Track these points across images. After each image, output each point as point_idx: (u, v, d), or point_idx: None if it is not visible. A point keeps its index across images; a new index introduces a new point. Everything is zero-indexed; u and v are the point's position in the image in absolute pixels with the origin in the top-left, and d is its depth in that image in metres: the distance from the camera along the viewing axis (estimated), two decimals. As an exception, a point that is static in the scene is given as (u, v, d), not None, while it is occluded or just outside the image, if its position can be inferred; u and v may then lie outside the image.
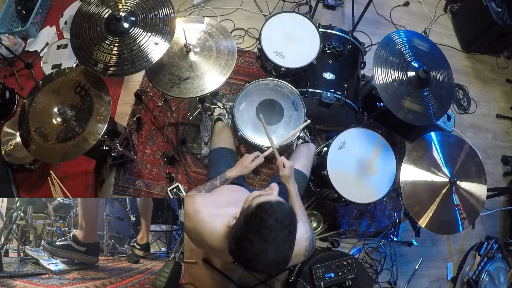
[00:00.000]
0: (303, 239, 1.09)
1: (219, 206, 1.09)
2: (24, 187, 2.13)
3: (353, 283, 1.72)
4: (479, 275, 2.12)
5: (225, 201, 1.12)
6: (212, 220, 1.03)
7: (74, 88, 1.61)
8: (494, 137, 2.71)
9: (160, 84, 1.60)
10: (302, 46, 1.82)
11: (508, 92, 2.89)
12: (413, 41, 1.76)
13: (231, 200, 1.14)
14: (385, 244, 2.21)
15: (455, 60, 2.87)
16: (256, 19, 2.72)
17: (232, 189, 1.27)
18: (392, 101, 1.63)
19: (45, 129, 1.55)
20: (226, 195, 1.19)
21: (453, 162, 1.71)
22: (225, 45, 1.68)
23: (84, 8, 1.54)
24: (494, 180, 2.54)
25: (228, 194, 1.20)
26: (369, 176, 1.75)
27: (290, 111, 1.74)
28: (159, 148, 2.29)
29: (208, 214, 1.04)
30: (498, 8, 2.58)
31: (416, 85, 1.67)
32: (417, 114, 1.66)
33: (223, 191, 1.25)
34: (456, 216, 1.66)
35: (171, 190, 2.15)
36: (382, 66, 1.66)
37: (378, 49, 1.68)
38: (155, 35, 1.48)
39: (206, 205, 1.07)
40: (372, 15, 2.84)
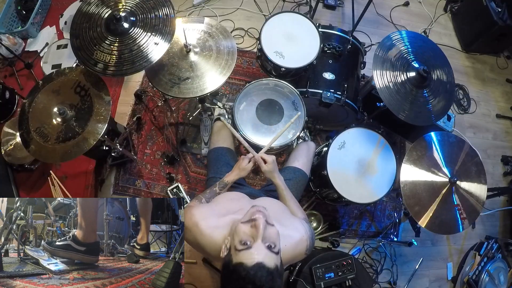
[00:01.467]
0: (303, 240, 1.08)
1: (218, 216, 1.08)
2: (24, 187, 2.13)
3: (353, 283, 1.72)
4: (479, 275, 2.12)
5: (224, 211, 1.11)
6: (212, 232, 1.03)
7: (74, 88, 1.61)
8: (494, 137, 2.71)
9: (160, 84, 1.60)
10: (302, 46, 1.82)
11: (508, 92, 2.89)
12: (413, 41, 1.76)
13: (230, 210, 1.12)
14: (385, 244, 2.21)
15: (455, 60, 2.87)
16: (256, 19, 2.72)
17: (231, 198, 1.25)
18: (392, 102, 1.63)
19: (45, 129, 1.55)
20: (225, 204, 1.17)
21: (453, 162, 1.71)
22: (225, 45, 1.68)
23: (84, 8, 1.54)
24: (494, 180, 2.54)
25: (227, 203, 1.18)
26: (369, 176, 1.75)
27: (290, 111, 1.74)
28: (159, 148, 2.29)
29: (207, 226, 1.04)
30: (498, 8, 2.58)
31: (416, 85, 1.67)
32: (417, 114, 1.66)
33: (222, 201, 1.23)
34: (456, 216, 1.65)
35: (171, 190, 2.15)
36: (382, 67, 1.66)
37: (378, 50, 1.68)
38: (155, 35, 1.48)
39: (205, 217, 1.07)
40: (372, 15, 2.85)
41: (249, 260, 0.86)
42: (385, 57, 1.68)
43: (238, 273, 0.86)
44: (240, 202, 1.21)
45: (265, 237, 0.90)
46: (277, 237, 0.93)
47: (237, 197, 1.26)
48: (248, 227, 0.92)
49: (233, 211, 1.11)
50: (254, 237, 0.90)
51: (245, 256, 0.88)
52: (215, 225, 1.04)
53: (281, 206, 1.27)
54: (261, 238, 0.89)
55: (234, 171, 1.36)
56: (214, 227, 1.04)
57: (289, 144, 1.73)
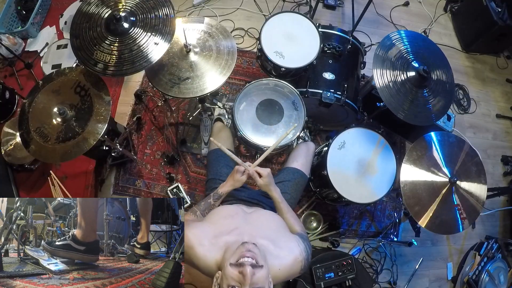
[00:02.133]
0: (298, 261, 1.09)
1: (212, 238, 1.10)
2: (24, 187, 2.13)
3: (353, 283, 1.72)
4: (479, 275, 2.12)
5: (218, 232, 1.12)
6: (205, 255, 1.06)
7: (74, 88, 1.61)
8: (494, 137, 2.71)
9: (160, 84, 1.60)
10: (302, 46, 1.82)
11: (508, 92, 2.89)
12: (412, 41, 1.76)
13: (224, 231, 1.13)
14: (385, 244, 2.21)
15: (455, 60, 2.87)
16: (256, 19, 2.72)
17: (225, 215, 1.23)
18: (392, 101, 1.63)
19: (45, 129, 1.55)
20: (219, 224, 1.17)
21: (453, 162, 1.71)
22: (225, 45, 1.68)
23: (84, 8, 1.54)
24: (494, 180, 2.54)
25: (221, 222, 1.18)
26: (369, 176, 1.75)
27: (290, 111, 1.74)
28: (159, 148, 2.29)
29: (201, 250, 1.07)
30: (498, 8, 2.58)
31: (416, 84, 1.67)
32: (417, 114, 1.66)
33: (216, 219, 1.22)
34: (456, 216, 1.65)
35: (171, 190, 2.15)
36: (382, 67, 1.66)
37: (378, 49, 1.68)
38: (155, 35, 1.48)
39: (199, 239, 1.08)
40: (372, 15, 2.84)
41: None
42: (385, 56, 1.68)
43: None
44: (234, 220, 1.20)
45: (252, 282, 0.91)
46: (265, 279, 0.95)
47: (232, 213, 1.24)
48: (236, 272, 0.94)
49: (227, 232, 1.12)
50: (242, 284, 0.91)
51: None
52: (208, 249, 1.07)
53: (278, 221, 1.26)
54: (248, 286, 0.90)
55: (228, 181, 1.35)
56: (208, 250, 1.06)
57: (289, 144, 1.73)
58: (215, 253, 1.05)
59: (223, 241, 1.08)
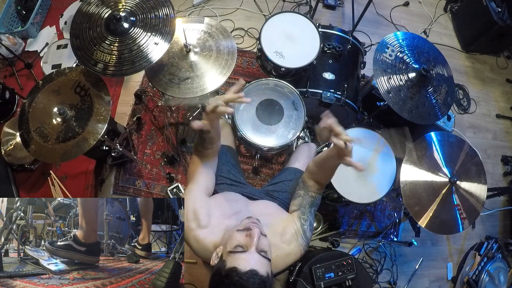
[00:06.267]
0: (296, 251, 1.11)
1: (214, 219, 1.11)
2: (24, 187, 2.13)
3: (353, 283, 1.72)
4: (479, 275, 2.12)
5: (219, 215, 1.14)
6: (204, 239, 1.07)
7: (74, 88, 1.61)
8: (494, 137, 2.71)
9: (160, 84, 1.60)
10: (302, 46, 1.82)
11: (508, 92, 2.89)
12: (411, 43, 1.76)
13: (226, 213, 1.15)
14: (385, 244, 2.21)
15: (455, 60, 2.87)
16: (256, 19, 2.72)
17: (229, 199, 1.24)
18: (396, 103, 1.65)
19: (45, 129, 1.55)
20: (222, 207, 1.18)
21: (453, 162, 1.71)
22: (225, 45, 1.68)
23: (84, 8, 1.54)
24: (494, 180, 2.54)
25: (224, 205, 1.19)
26: (369, 176, 1.75)
27: (290, 111, 1.74)
28: (159, 148, 2.29)
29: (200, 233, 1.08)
30: (498, 8, 2.58)
31: (419, 84, 1.67)
32: (419, 114, 1.67)
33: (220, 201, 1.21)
34: (456, 216, 1.66)
35: (171, 190, 2.15)
36: (383, 70, 1.66)
37: (377, 53, 1.69)
38: (155, 35, 1.48)
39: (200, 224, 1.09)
40: (372, 15, 2.85)
41: (242, 265, 0.88)
42: (384, 60, 1.68)
43: (231, 278, 0.86)
44: (237, 204, 1.23)
45: (259, 243, 0.93)
46: (268, 247, 0.97)
47: (235, 198, 1.27)
48: (243, 235, 0.95)
49: (229, 215, 1.14)
50: (248, 246, 0.92)
51: (239, 260, 0.89)
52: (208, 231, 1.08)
53: (277, 209, 1.28)
54: (255, 247, 0.91)
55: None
56: (207, 233, 1.08)
57: (289, 144, 1.73)
58: (213, 236, 1.07)
59: (224, 225, 1.10)
